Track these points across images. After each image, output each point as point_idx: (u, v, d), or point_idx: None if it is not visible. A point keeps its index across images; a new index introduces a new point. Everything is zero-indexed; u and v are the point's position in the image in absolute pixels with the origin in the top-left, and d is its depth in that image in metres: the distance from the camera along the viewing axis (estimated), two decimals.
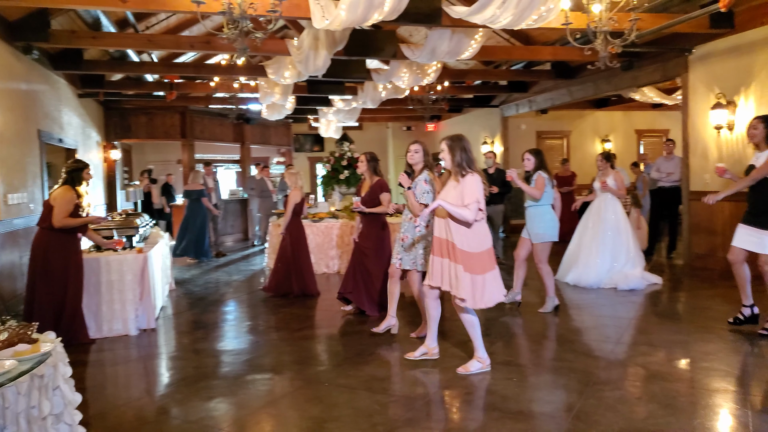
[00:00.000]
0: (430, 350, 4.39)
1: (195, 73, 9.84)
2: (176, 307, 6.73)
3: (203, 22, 5.39)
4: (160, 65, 9.75)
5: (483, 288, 3.97)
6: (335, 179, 9.61)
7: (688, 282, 7.31)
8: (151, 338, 5.34)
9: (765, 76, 7.07)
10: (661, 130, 15.10)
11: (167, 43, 7.81)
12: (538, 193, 5.75)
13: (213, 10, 5.19)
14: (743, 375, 3.96)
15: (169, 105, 11.82)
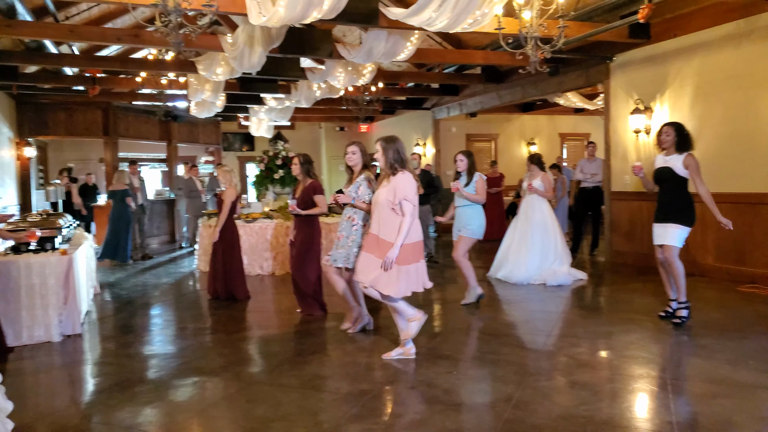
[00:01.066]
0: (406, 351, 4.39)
1: (120, 68, 9.43)
2: (102, 311, 6.43)
3: (134, 14, 5.18)
4: (82, 58, 9.28)
5: (408, 278, 4.18)
6: (269, 179, 9.47)
7: (609, 277, 7.71)
8: (76, 344, 5.07)
9: (678, 85, 7.59)
10: (583, 133, 15.87)
11: (92, 35, 7.43)
12: (483, 198, 5.99)
13: (145, 1, 5.00)
14: (663, 361, 4.23)
15: (91, 100, 11.28)
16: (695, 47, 7.31)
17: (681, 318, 5.10)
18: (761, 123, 6.58)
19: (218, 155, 16.83)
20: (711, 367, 4.01)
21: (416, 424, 3.20)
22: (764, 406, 3.29)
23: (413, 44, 7.35)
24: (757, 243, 6.68)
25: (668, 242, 5.08)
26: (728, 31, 6.89)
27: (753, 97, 6.67)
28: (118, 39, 7.20)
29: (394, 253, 4.11)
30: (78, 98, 11.38)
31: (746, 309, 5.59)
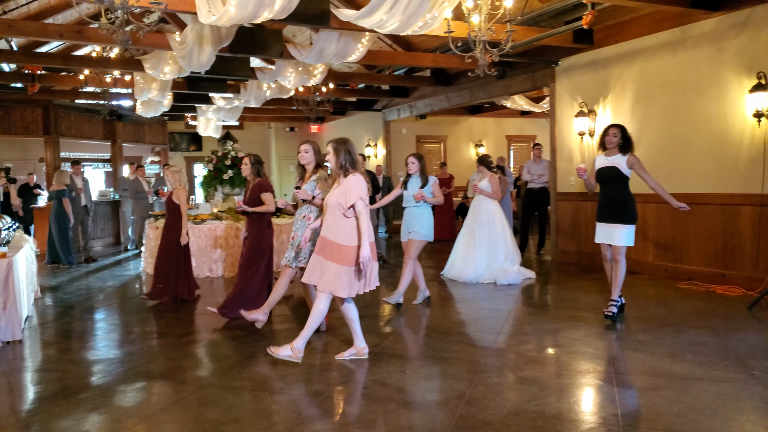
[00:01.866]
0: (359, 351, 4.39)
1: (62, 65, 9.07)
2: (44, 316, 6.17)
3: (78, 9, 5.01)
4: (20, 54, 8.88)
5: (358, 278, 4.16)
6: (218, 179, 9.30)
7: (556, 276, 7.94)
8: (16, 351, 4.85)
9: (619, 89, 7.89)
10: (529, 135, 16.27)
11: (32, 31, 7.12)
12: (441, 200, 6.10)
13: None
14: (607, 356, 4.39)
15: (30, 98, 10.79)
16: (635, 53, 7.62)
17: (612, 313, 5.27)
18: (695, 126, 6.93)
19: (165, 155, 16.42)
20: (652, 361, 4.19)
21: (370, 423, 3.22)
22: (700, 397, 3.46)
23: (364, 46, 7.38)
24: (693, 241, 7.02)
25: (619, 243, 5.25)
26: (664, 39, 7.22)
27: (687, 102, 7.00)
28: (60, 35, 6.92)
29: (366, 252, 4.07)
30: (15, 95, 10.88)
31: (684, 305, 5.86)
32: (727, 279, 6.59)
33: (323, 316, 4.31)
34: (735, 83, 6.46)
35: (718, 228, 6.73)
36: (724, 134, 6.60)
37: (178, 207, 6.59)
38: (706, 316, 5.34)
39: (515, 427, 3.11)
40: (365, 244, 4.10)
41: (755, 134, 6.29)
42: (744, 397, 3.43)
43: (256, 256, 5.67)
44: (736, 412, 3.22)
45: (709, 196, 6.78)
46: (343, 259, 4.12)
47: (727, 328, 4.94)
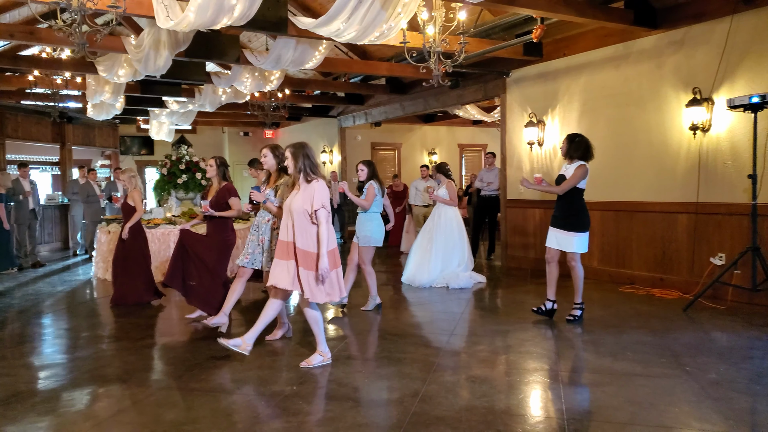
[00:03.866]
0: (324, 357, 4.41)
1: (9, 65, 8.79)
2: None
3: (31, 7, 4.92)
4: None
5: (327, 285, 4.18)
6: (172, 183, 9.19)
7: (505, 280, 8.19)
8: None
9: (567, 100, 8.24)
10: (480, 144, 16.68)
11: None
12: (368, 204, 6.10)
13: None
14: (554, 355, 4.61)
15: None
16: (582, 66, 7.99)
17: (575, 316, 5.55)
18: (638, 138, 7.31)
19: (115, 159, 16.06)
20: (595, 359, 4.42)
21: (329, 421, 3.31)
22: (639, 392, 3.69)
23: (321, 53, 7.48)
24: (635, 247, 7.39)
25: (571, 250, 5.49)
26: (609, 54, 7.60)
27: (630, 114, 7.39)
28: (10, 35, 6.74)
29: (325, 263, 4.09)
30: None
31: (625, 307, 6.17)
32: (666, 283, 6.96)
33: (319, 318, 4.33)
34: (673, 97, 6.86)
35: (657, 234, 7.11)
36: (664, 145, 7.00)
37: (134, 210, 6.54)
38: (645, 318, 5.65)
39: (467, 422, 3.26)
40: (323, 255, 4.11)
41: (691, 146, 6.69)
42: (678, 391, 3.68)
43: (221, 259, 5.69)
44: (671, 405, 3.46)
45: (650, 204, 7.17)
46: (310, 265, 4.13)
47: (664, 328, 5.24)
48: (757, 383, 3.81)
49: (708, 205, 6.54)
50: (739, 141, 6.21)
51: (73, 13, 4.45)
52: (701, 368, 4.10)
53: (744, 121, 6.03)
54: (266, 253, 4.96)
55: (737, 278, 6.07)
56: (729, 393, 3.63)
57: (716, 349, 4.61)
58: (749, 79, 6.13)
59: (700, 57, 6.57)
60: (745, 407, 3.44)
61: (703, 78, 6.53)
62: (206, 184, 9.34)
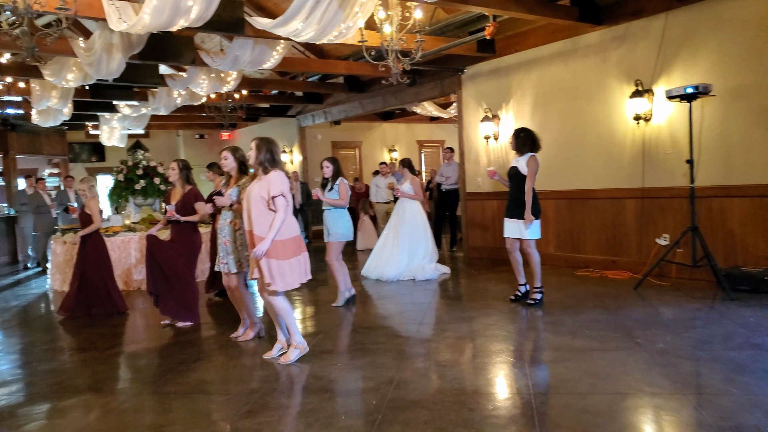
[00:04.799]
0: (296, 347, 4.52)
1: None
2: None
3: None
4: None
5: (287, 271, 4.28)
6: (130, 190, 9.06)
7: (468, 270, 8.44)
8: None
9: (520, 95, 8.53)
10: (438, 140, 16.96)
11: None
12: (345, 203, 6.25)
13: None
14: (518, 337, 4.84)
15: None
16: (532, 62, 8.28)
17: (535, 300, 5.81)
18: (586, 129, 7.64)
19: (64, 167, 15.60)
20: (555, 338, 4.67)
21: (308, 413, 3.42)
22: (596, 364, 3.94)
23: (279, 53, 7.52)
24: (588, 233, 7.74)
25: (525, 236, 5.74)
26: (558, 49, 7.92)
27: (579, 107, 7.72)
28: None
29: (264, 246, 4.16)
30: None
31: (581, 289, 6.48)
32: (617, 264, 7.33)
33: (290, 309, 4.42)
34: (617, 90, 7.22)
35: (608, 220, 7.47)
36: (610, 135, 7.35)
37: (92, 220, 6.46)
38: (600, 298, 5.96)
39: (441, 404, 3.43)
40: (268, 239, 4.16)
41: (635, 135, 7.06)
42: (631, 361, 3.95)
43: (189, 263, 5.71)
44: (625, 374, 3.72)
45: (600, 191, 7.52)
46: (276, 253, 4.23)
47: (617, 306, 5.55)
48: (700, 350, 4.13)
49: (652, 190, 6.92)
50: (677, 129, 6.60)
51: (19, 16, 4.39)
52: (650, 340, 4.40)
53: (681, 110, 6.41)
54: (231, 255, 5.01)
55: (680, 256, 6.46)
56: (675, 360, 3.93)
57: (663, 322, 4.94)
58: (684, 71, 6.52)
59: (641, 51, 6.93)
60: (689, 371, 3.74)
61: (643, 71, 6.89)
62: (165, 188, 9.25)
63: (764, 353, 3.95)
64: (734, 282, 5.76)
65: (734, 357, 3.90)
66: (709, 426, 2.91)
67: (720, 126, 6.20)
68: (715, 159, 6.25)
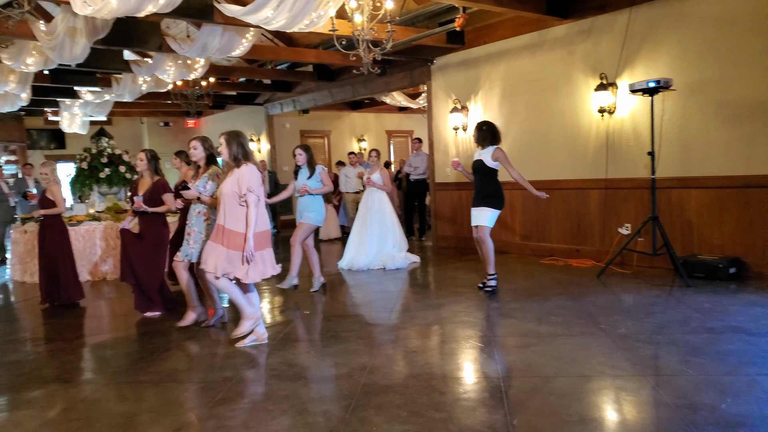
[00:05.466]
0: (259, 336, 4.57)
1: None
2: None
3: None
4: None
5: (255, 265, 4.36)
6: (94, 178, 8.86)
7: (436, 259, 8.56)
8: None
9: (488, 87, 8.64)
10: (407, 130, 17.03)
11: None
12: (330, 187, 6.42)
13: None
14: (486, 323, 4.96)
15: None
16: (501, 54, 8.40)
17: (491, 287, 5.95)
18: (552, 121, 7.81)
19: (22, 154, 15.13)
20: (522, 324, 4.80)
21: (284, 399, 3.46)
22: (561, 349, 4.08)
23: (249, 41, 7.45)
24: (553, 222, 7.93)
25: (481, 223, 5.89)
26: (525, 42, 8.05)
27: (546, 99, 7.88)
28: None
29: (250, 246, 4.27)
30: None
31: (546, 277, 6.66)
32: (581, 253, 7.54)
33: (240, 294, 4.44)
34: (583, 82, 7.39)
35: (573, 210, 7.67)
36: (576, 127, 7.53)
37: (53, 204, 6.32)
38: (564, 285, 6.14)
39: (413, 388, 3.51)
40: (250, 238, 4.28)
41: (600, 127, 7.25)
42: (594, 346, 4.11)
43: (157, 254, 5.66)
44: (589, 358, 3.87)
45: (565, 182, 7.71)
46: (241, 245, 4.30)
47: (581, 293, 5.74)
48: (658, 334, 4.32)
49: (615, 181, 7.13)
50: (639, 122, 6.81)
51: None
52: (612, 325, 4.57)
53: (643, 104, 6.61)
54: (197, 245, 4.99)
55: (641, 245, 6.69)
56: (636, 344, 4.10)
57: (624, 308, 5.14)
58: (646, 65, 6.72)
59: (605, 45, 7.11)
60: (648, 354, 3.91)
61: (608, 64, 7.08)
62: (131, 177, 9.09)
63: (718, 336, 4.16)
64: (691, 269, 6.01)
65: (690, 340, 4.10)
66: (667, 405, 3.07)
67: (679, 120, 6.43)
68: (675, 151, 6.48)
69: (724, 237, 6.16)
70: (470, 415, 3.09)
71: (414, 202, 10.69)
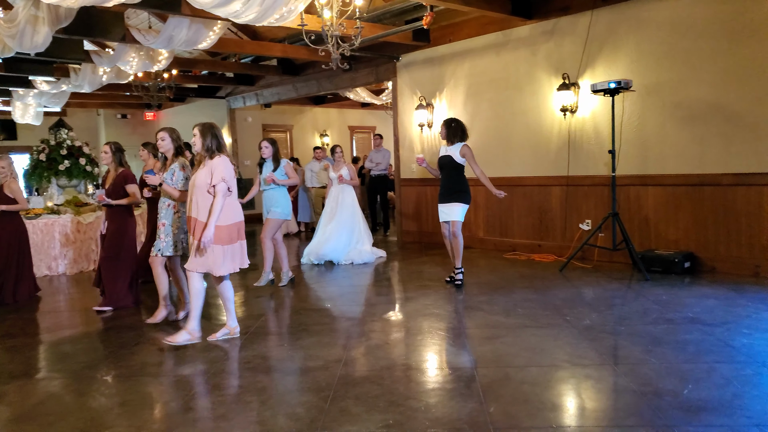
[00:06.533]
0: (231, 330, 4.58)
1: None
2: None
3: None
4: None
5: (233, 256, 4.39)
6: (53, 170, 8.61)
7: (402, 253, 8.67)
8: None
9: (453, 84, 8.78)
10: (369, 126, 17.07)
11: None
12: (298, 180, 6.44)
13: None
14: (455, 316, 5.08)
15: None
16: (466, 53, 8.55)
17: (459, 281, 6.10)
18: (516, 119, 8.01)
19: None
20: (490, 316, 4.94)
21: (261, 390, 3.49)
22: (530, 340, 4.23)
23: (216, 33, 7.35)
24: (516, 218, 8.14)
25: (454, 218, 6.02)
26: (490, 41, 8.21)
27: (509, 97, 8.06)
28: None
29: (210, 233, 4.21)
30: None
31: (510, 271, 6.85)
32: (543, 248, 7.77)
33: (202, 294, 4.44)
34: (546, 82, 7.60)
35: (535, 206, 7.89)
36: (538, 126, 7.74)
37: (12, 200, 6.13)
38: (529, 279, 6.33)
39: (389, 379, 3.59)
40: (210, 225, 4.23)
41: (562, 126, 7.48)
42: (561, 336, 4.28)
43: (121, 248, 5.57)
44: (557, 348, 4.03)
45: (528, 178, 7.92)
46: (218, 238, 4.29)
47: (545, 287, 5.93)
48: (621, 325, 4.53)
49: (576, 178, 7.37)
50: (600, 121, 7.06)
51: None
52: (577, 317, 4.76)
53: (604, 103, 6.86)
54: (168, 237, 4.95)
55: (601, 240, 6.95)
56: (600, 335, 4.29)
57: (588, 301, 5.34)
58: (607, 66, 6.97)
59: (568, 46, 7.33)
60: (612, 344, 4.10)
61: (570, 65, 7.30)
62: (91, 170, 8.88)
63: (676, 327, 4.39)
64: (649, 264, 6.28)
65: (651, 331, 4.31)
66: (633, 391, 3.23)
67: (637, 120, 6.70)
68: (633, 150, 6.75)
69: (679, 233, 6.47)
70: (447, 404, 3.19)
71: (376, 197, 10.77)
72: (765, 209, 5.80)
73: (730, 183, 6.02)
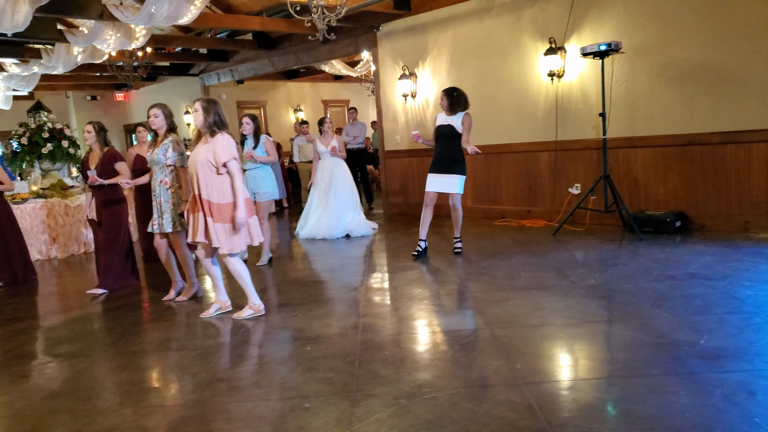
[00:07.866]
0: (223, 305, 4.61)
1: None
2: None
3: None
4: None
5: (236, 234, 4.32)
6: (36, 154, 8.37)
7: (391, 225, 8.72)
8: None
9: (436, 53, 8.77)
10: (343, 100, 16.94)
11: None
12: (276, 158, 6.41)
13: None
14: (459, 282, 5.18)
15: None
16: (448, 20, 8.51)
17: (460, 248, 6.20)
18: (502, 86, 8.06)
19: None
20: (496, 280, 5.05)
21: (289, 359, 3.54)
22: (539, 301, 4.34)
23: (197, 7, 7.18)
24: (503, 185, 8.26)
25: (454, 191, 6.03)
26: (473, 7, 8.19)
27: (494, 65, 8.10)
28: None
29: (242, 213, 4.21)
30: None
31: (504, 237, 6.97)
32: (533, 214, 7.92)
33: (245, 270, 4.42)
34: (532, 47, 7.65)
35: (523, 172, 8.00)
36: (525, 91, 7.81)
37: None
38: (524, 244, 6.46)
39: (409, 342, 3.69)
40: (241, 205, 4.24)
41: (549, 91, 7.56)
42: (570, 297, 4.40)
43: (121, 226, 5.52)
44: (567, 307, 4.15)
45: (515, 145, 8.01)
46: (223, 217, 4.25)
47: (541, 251, 6.06)
48: (626, 283, 4.67)
49: (565, 143, 7.49)
50: (587, 85, 7.16)
51: None
52: (581, 278, 4.90)
53: (591, 66, 6.95)
54: (166, 214, 4.91)
55: (593, 203, 7.11)
56: (607, 293, 4.44)
57: (587, 262, 5.49)
58: (593, 29, 7.04)
59: (553, 9, 7.37)
60: (621, 301, 4.24)
61: (556, 29, 7.35)
62: (74, 153, 8.67)
63: (680, 282, 4.55)
64: (640, 224, 6.46)
65: (656, 287, 4.47)
66: (650, 344, 3.36)
67: (626, 82, 6.81)
68: (622, 112, 6.88)
69: (668, 193, 6.65)
70: (474, 363, 3.29)
71: (356, 171, 10.77)
72: (754, 166, 6.01)
73: (719, 141, 6.20)
